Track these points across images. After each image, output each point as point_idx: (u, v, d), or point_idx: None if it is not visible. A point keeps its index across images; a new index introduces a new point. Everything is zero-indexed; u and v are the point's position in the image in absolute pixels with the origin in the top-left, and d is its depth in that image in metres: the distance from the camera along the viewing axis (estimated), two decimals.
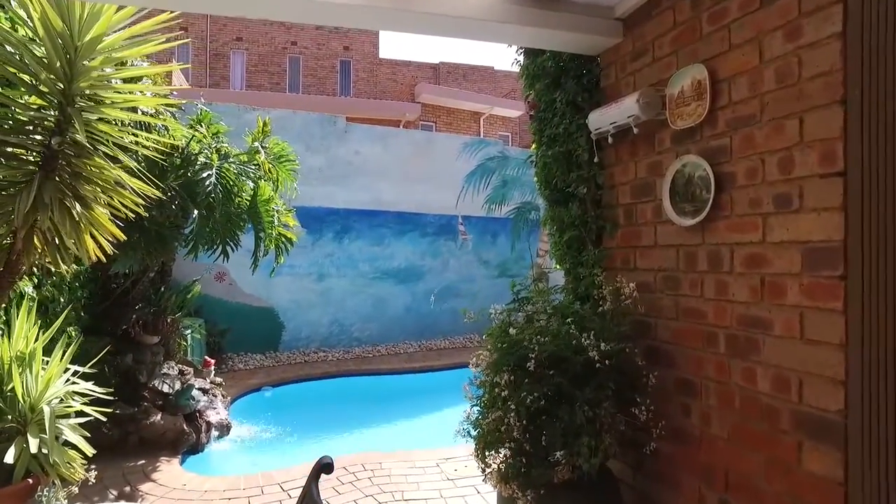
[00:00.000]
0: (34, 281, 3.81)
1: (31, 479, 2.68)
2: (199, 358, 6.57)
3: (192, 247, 4.59)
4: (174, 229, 4.57)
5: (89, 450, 2.95)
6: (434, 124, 17.82)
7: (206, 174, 4.42)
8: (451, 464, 4.26)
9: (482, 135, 17.68)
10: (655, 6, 2.58)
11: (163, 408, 4.85)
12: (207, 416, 5.18)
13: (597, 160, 2.97)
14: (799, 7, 1.88)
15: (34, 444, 2.66)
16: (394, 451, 4.59)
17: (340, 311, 9.39)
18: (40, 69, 2.68)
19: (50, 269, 3.55)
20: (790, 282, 1.93)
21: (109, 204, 3.06)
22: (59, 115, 2.77)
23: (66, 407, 2.98)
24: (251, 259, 5.07)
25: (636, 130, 2.58)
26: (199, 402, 5.11)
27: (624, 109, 2.58)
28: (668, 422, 2.45)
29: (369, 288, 9.64)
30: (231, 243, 4.79)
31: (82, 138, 2.65)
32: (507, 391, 2.40)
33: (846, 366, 1.72)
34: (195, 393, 5.10)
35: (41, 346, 3.00)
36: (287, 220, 5.31)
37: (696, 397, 2.37)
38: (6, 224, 2.67)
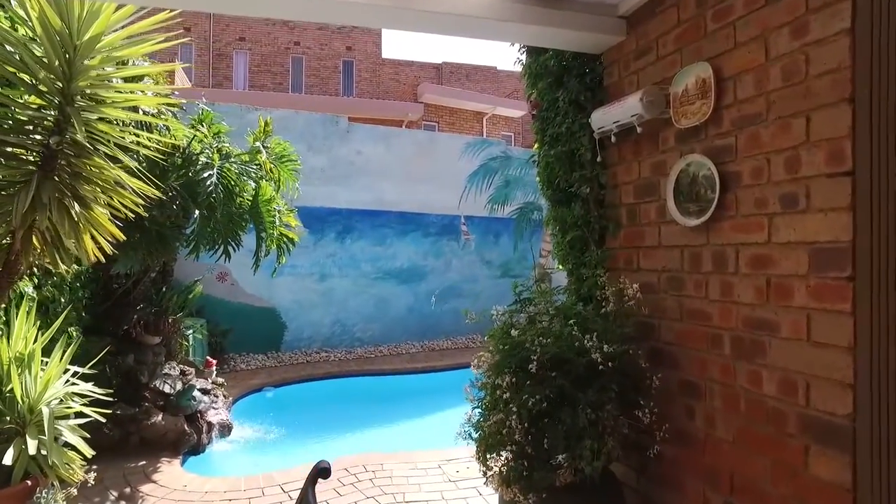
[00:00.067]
0: (34, 281, 3.80)
1: (30, 481, 2.67)
2: (200, 358, 6.56)
3: (193, 247, 4.58)
4: (175, 229, 4.56)
5: (89, 451, 2.93)
6: (437, 124, 17.82)
7: (207, 174, 4.41)
8: (454, 465, 4.24)
9: (485, 135, 17.66)
10: (659, 4, 2.55)
11: (164, 408, 4.84)
12: (209, 417, 5.16)
13: (599, 159, 2.94)
14: (806, 3, 1.85)
15: (33, 445, 2.64)
16: (395, 451, 4.57)
17: (342, 312, 9.38)
18: (39, 68, 2.67)
19: (50, 269, 3.54)
20: (797, 283, 1.90)
21: (109, 204, 3.04)
22: (59, 114, 2.75)
23: (66, 408, 2.97)
24: (253, 259, 5.05)
25: (640, 129, 2.54)
26: (200, 402, 5.09)
27: (627, 108, 2.55)
28: (672, 424, 2.42)
29: (371, 288, 9.62)
30: (233, 243, 4.78)
31: (81, 138, 2.64)
32: (508, 393, 2.37)
33: (854, 369, 1.69)
34: (196, 393, 5.09)
35: (40, 347, 2.99)
36: (289, 220, 5.29)
37: (700, 400, 2.34)
38: (5, 224, 2.66)
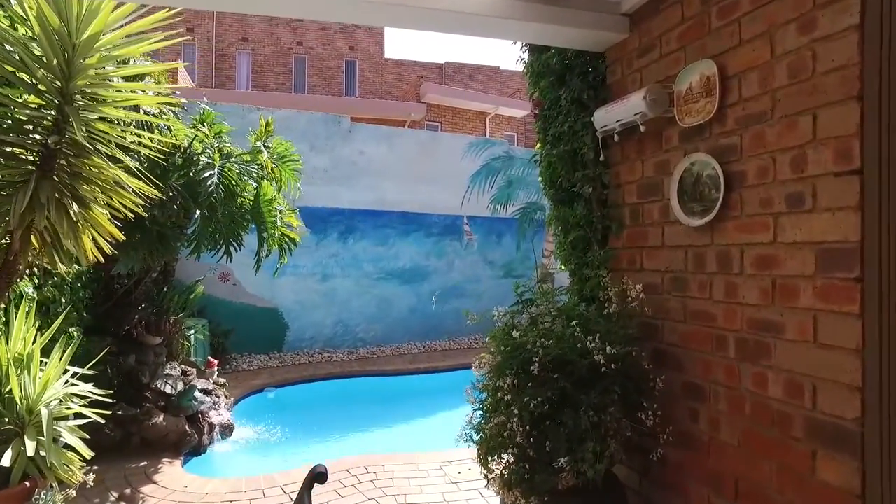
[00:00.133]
0: (34, 281, 3.79)
1: (29, 482, 2.66)
2: (202, 358, 6.55)
3: (194, 247, 4.57)
4: (176, 229, 4.55)
5: (88, 452, 2.92)
6: (439, 124, 17.78)
7: (208, 174, 4.39)
8: (455, 466, 4.21)
9: (488, 135, 17.60)
10: (663, 1, 2.52)
11: (165, 409, 4.83)
12: (210, 418, 5.14)
13: (602, 159, 2.91)
14: None
15: (31, 446, 2.63)
16: (397, 452, 4.54)
17: (345, 312, 9.36)
18: (38, 67, 2.65)
19: (50, 269, 3.53)
20: (803, 284, 1.86)
21: (109, 204, 3.02)
22: (58, 113, 2.73)
23: (65, 409, 2.96)
24: (254, 259, 5.04)
25: (643, 128, 2.51)
26: (201, 403, 5.08)
27: (630, 107, 2.52)
28: (676, 427, 2.39)
29: (374, 288, 9.60)
30: (234, 243, 4.76)
31: (81, 137, 2.62)
32: (510, 395, 2.34)
33: (863, 371, 1.65)
34: (198, 394, 5.07)
35: (39, 348, 2.97)
36: (290, 220, 5.28)
37: (704, 402, 2.31)
38: (3, 224, 2.64)
